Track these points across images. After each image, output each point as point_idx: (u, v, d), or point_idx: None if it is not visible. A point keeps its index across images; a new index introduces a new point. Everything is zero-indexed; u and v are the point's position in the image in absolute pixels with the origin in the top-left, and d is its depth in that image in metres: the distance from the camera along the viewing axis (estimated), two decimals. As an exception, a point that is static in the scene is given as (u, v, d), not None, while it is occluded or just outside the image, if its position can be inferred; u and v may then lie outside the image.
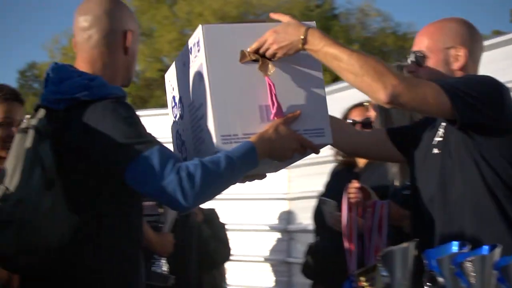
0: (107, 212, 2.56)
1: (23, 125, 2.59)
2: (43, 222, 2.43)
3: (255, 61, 2.58)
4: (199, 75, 2.62)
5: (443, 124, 2.75)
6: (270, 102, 2.56)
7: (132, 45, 2.71)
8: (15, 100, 3.50)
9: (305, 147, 2.59)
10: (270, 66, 2.57)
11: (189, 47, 2.69)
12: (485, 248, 1.97)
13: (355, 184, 3.40)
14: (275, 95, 2.56)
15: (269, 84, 2.57)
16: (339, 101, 5.36)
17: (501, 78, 2.75)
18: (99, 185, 2.53)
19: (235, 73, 2.55)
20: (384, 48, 27.89)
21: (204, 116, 2.58)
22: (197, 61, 2.61)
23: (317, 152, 2.63)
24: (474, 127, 2.56)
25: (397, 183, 3.43)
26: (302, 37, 2.54)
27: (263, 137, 2.52)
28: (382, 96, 2.44)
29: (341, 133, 2.97)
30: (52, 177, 2.46)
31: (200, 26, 2.59)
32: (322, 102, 2.65)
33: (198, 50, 2.59)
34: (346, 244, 3.33)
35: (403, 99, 2.46)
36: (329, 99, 6.40)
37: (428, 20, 2.87)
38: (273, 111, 2.55)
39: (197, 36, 2.62)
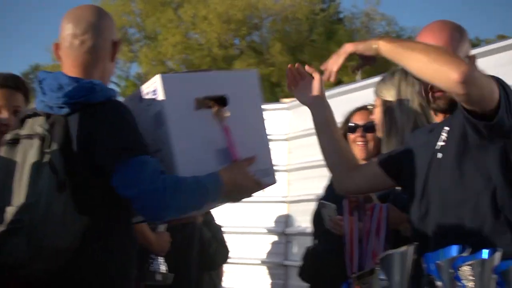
0: (110, 213, 2.61)
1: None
2: (55, 225, 2.46)
3: (210, 107, 2.71)
4: (155, 122, 2.71)
5: (446, 128, 2.72)
6: (228, 145, 2.72)
7: (116, 55, 2.84)
8: (3, 87, 3.46)
9: (258, 188, 2.76)
10: (224, 111, 2.71)
11: (141, 95, 2.78)
12: (485, 252, 1.93)
13: None
14: (232, 140, 2.72)
15: (226, 129, 2.72)
16: (341, 104, 5.33)
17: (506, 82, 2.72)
18: (102, 187, 2.57)
19: (193, 120, 2.68)
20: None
21: (164, 161, 2.67)
22: (153, 109, 2.71)
23: (263, 191, 2.81)
24: (501, 129, 2.52)
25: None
26: (379, 38, 2.60)
27: (227, 175, 2.65)
28: (455, 75, 2.38)
29: (344, 176, 3.04)
30: (63, 179, 2.50)
31: (157, 76, 2.70)
32: (266, 143, 2.85)
33: (154, 99, 2.69)
34: (347, 248, 3.31)
35: (472, 81, 2.40)
36: (331, 103, 6.41)
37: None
38: (234, 153, 2.71)
39: (153, 85, 2.71)
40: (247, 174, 2.71)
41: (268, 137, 2.89)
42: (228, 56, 29.09)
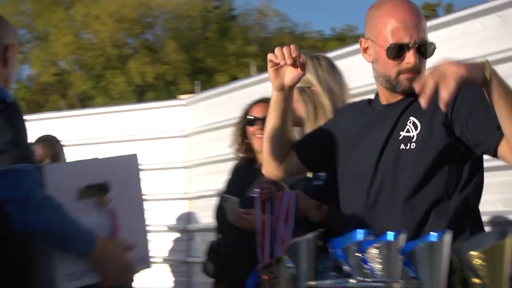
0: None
1: None
2: None
3: (92, 196, 2.68)
4: None
5: (414, 119, 2.61)
6: (112, 230, 2.68)
7: (12, 59, 2.76)
8: None
9: (129, 273, 2.71)
10: (106, 199, 2.69)
11: None
12: (390, 235, 1.95)
13: (268, 178, 3.36)
14: (117, 223, 2.70)
15: (112, 214, 2.70)
16: (239, 98, 5.35)
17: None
18: None
19: (75, 210, 2.60)
20: (282, 48, 28.19)
21: None
22: None
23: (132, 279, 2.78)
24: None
25: (309, 174, 3.41)
26: (487, 63, 2.31)
27: (103, 242, 2.59)
28: None
29: (278, 163, 2.96)
30: None
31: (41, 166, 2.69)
32: (144, 229, 2.85)
33: None
34: (258, 238, 3.30)
35: None
36: (229, 97, 6.42)
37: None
38: (116, 237, 2.68)
39: None
40: (121, 254, 2.65)
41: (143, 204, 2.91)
42: (122, 56, 28.87)
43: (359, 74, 3.69)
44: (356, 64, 4.21)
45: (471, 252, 1.79)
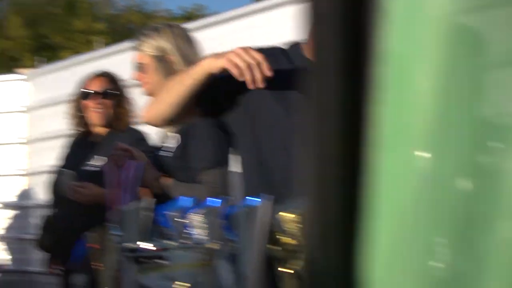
0: None
1: None
2: None
3: None
4: None
5: None
6: None
7: None
8: None
9: None
10: None
11: None
12: (214, 201, 2.00)
13: (120, 146, 3.34)
14: None
15: None
16: (81, 73, 5.31)
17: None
18: None
19: None
20: (129, 26, 27.93)
21: None
22: None
23: None
24: None
25: (158, 144, 3.43)
26: None
27: None
28: None
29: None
30: None
31: None
32: None
33: None
34: (108, 207, 3.29)
35: None
36: (71, 72, 6.33)
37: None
38: None
39: None
40: None
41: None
42: (-37, 30, 27.82)
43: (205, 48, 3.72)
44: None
45: (283, 214, 1.86)
